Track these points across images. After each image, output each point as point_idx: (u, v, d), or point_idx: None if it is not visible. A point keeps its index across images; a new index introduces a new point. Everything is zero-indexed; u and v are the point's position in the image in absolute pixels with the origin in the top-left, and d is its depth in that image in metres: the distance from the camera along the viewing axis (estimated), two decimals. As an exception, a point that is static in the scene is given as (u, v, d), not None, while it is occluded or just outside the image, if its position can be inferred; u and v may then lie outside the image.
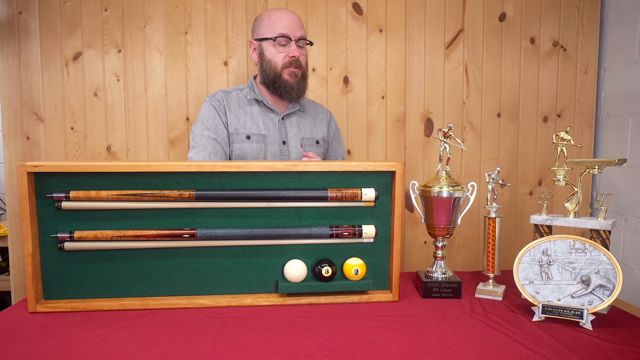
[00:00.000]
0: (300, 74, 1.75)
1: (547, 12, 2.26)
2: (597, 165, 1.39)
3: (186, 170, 1.30)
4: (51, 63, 2.11)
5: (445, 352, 1.05)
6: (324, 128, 1.91)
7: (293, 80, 1.74)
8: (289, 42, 1.72)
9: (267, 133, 1.78)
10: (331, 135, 1.95)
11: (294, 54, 1.72)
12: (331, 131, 1.95)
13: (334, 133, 1.96)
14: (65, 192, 1.27)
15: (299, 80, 1.76)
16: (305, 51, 1.79)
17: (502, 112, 2.29)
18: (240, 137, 1.76)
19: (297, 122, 1.84)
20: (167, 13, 2.14)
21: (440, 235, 1.47)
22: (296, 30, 1.73)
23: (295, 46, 1.73)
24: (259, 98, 1.81)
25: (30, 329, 1.17)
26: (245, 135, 1.76)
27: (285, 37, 1.71)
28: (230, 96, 1.82)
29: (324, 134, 1.89)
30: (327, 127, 1.93)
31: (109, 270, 1.33)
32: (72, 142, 2.15)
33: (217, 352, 1.04)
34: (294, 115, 1.85)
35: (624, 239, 2.17)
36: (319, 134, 1.88)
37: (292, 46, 1.72)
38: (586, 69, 2.30)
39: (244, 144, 1.75)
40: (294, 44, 1.72)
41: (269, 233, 1.34)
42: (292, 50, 1.72)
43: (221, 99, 1.80)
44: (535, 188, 2.33)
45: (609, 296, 1.21)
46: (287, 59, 1.72)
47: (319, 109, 1.95)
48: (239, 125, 1.77)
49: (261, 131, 1.77)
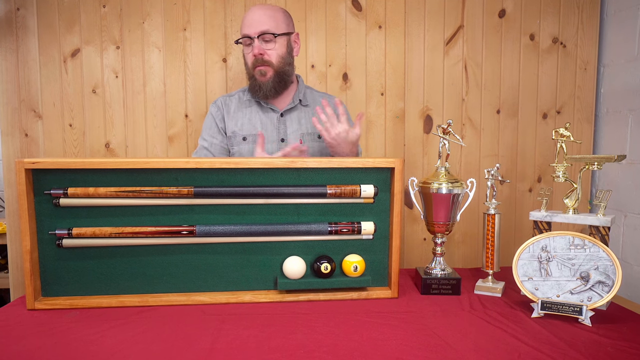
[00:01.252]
0: (269, 71, 1.71)
1: (547, 8, 2.26)
2: (597, 162, 1.39)
3: (185, 167, 1.29)
4: (49, 60, 2.11)
5: (444, 348, 1.05)
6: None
7: (262, 79, 1.72)
8: (252, 40, 1.69)
9: (265, 132, 1.77)
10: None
11: (255, 52, 1.69)
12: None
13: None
14: (63, 189, 1.26)
15: (272, 78, 1.72)
16: (276, 45, 1.72)
17: (501, 108, 2.29)
18: (238, 139, 1.77)
19: (297, 118, 1.81)
20: (165, 9, 2.13)
21: (440, 231, 1.46)
22: (257, 26, 1.68)
23: (258, 43, 1.69)
24: (257, 98, 1.80)
25: (28, 326, 1.17)
26: (241, 137, 1.77)
27: (246, 37, 1.70)
28: (232, 99, 1.84)
29: None
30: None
31: (107, 267, 1.33)
32: (70, 139, 2.14)
33: (216, 348, 1.04)
34: (295, 110, 1.82)
35: (624, 236, 2.17)
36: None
37: (255, 43, 1.69)
38: (586, 65, 2.29)
39: (241, 145, 1.76)
40: (256, 41, 1.69)
41: (268, 230, 1.34)
42: (254, 48, 1.69)
43: (220, 105, 1.82)
44: (535, 185, 2.32)
45: (608, 292, 1.21)
46: (252, 58, 1.71)
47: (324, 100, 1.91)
48: (236, 128, 1.78)
49: (258, 131, 1.76)
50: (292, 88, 1.83)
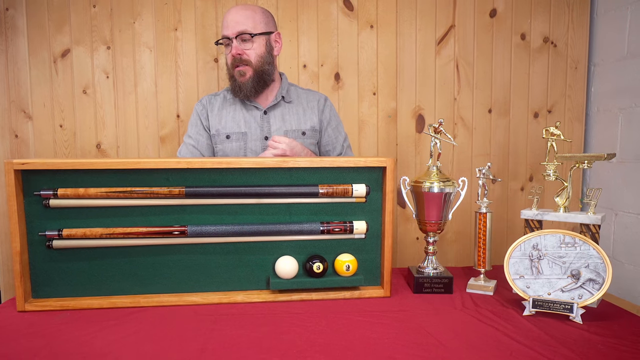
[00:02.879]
0: (248, 71, 1.72)
1: (538, 8, 2.27)
2: (587, 160, 1.39)
3: (176, 167, 1.29)
4: (39, 60, 2.09)
5: (436, 346, 1.05)
6: (314, 117, 1.84)
7: (242, 79, 1.73)
8: (230, 41, 1.70)
9: (248, 130, 1.77)
10: (324, 122, 1.87)
11: (233, 52, 1.70)
12: (325, 118, 1.87)
13: (328, 120, 1.88)
14: (53, 190, 1.25)
15: (252, 77, 1.73)
16: (254, 45, 1.72)
17: (493, 107, 2.30)
18: (221, 137, 1.78)
19: (281, 115, 1.81)
20: (156, 9, 2.12)
21: (432, 230, 1.47)
22: (234, 27, 1.69)
23: (236, 43, 1.70)
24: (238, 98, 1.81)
25: (19, 327, 1.16)
26: (225, 135, 1.78)
27: (225, 37, 1.71)
28: (217, 98, 1.85)
29: (313, 123, 1.83)
30: (320, 114, 1.86)
31: (98, 268, 1.32)
32: (61, 140, 2.13)
33: (208, 349, 1.03)
34: (278, 107, 1.81)
35: (614, 234, 2.18)
36: (307, 124, 1.82)
37: (233, 44, 1.70)
38: (576, 64, 2.31)
39: (225, 143, 1.77)
40: (234, 42, 1.69)
41: (260, 229, 1.34)
42: (232, 48, 1.70)
43: (205, 103, 1.84)
44: (526, 184, 2.34)
45: (598, 290, 1.22)
46: (231, 58, 1.72)
47: (311, 97, 1.88)
48: (219, 126, 1.79)
49: (241, 129, 1.77)
50: (275, 86, 1.83)
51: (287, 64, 2.19)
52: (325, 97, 1.90)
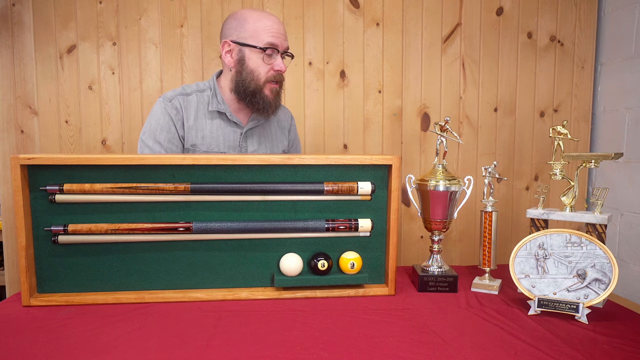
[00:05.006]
0: (278, 90, 1.63)
1: (545, 6, 2.26)
2: (594, 160, 1.39)
3: (181, 163, 1.29)
4: (45, 56, 2.10)
5: (441, 345, 1.05)
6: (285, 140, 1.79)
7: (272, 96, 1.60)
8: (275, 53, 1.57)
9: (227, 150, 1.64)
10: (290, 143, 1.83)
11: (279, 68, 1.57)
12: (291, 139, 1.83)
13: (293, 141, 1.84)
14: (59, 185, 1.26)
15: (276, 96, 1.62)
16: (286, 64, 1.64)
17: (499, 106, 2.29)
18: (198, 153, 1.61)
19: (258, 137, 1.70)
20: (162, 5, 2.12)
21: (437, 229, 1.46)
22: (284, 41, 1.59)
23: (280, 59, 1.59)
24: (221, 109, 1.62)
25: (24, 322, 1.16)
26: (203, 152, 1.61)
27: (274, 47, 1.56)
28: (190, 101, 1.62)
29: (284, 146, 1.78)
30: (288, 135, 1.81)
31: (103, 264, 1.32)
32: (66, 136, 2.13)
33: (212, 345, 1.03)
34: (256, 129, 1.70)
35: (620, 234, 2.17)
36: (279, 147, 1.75)
37: (278, 59, 1.58)
38: (583, 63, 2.29)
39: None
40: (279, 57, 1.58)
41: (265, 226, 1.34)
42: (278, 63, 1.57)
43: (179, 107, 1.60)
44: (532, 183, 2.33)
45: (604, 290, 1.21)
46: (272, 72, 1.58)
47: (281, 115, 1.80)
48: (197, 141, 1.60)
49: (220, 148, 1.62)
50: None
51: (292, 62, 2.18)
52: (292, 116, 1.86)
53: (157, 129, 1.58)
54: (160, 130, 1.58)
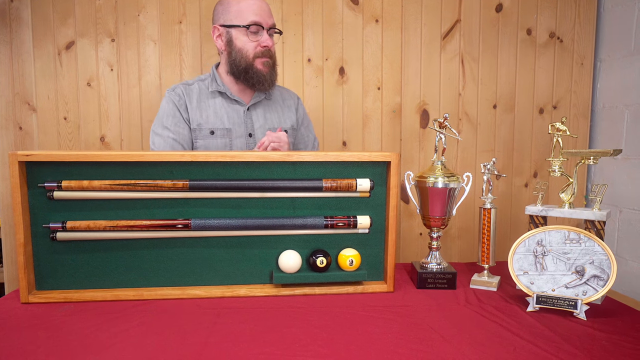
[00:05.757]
0: (272, 63, 1.70)
1: (544, 3, 2.25)
2: (593, 156, 1.39)
3: (180, 160, 1.29)
4: (43, 52, 2.09)
5: (439, 342, 1.05)
6: (292, 115, 1.85)
7: (266, 69, 1.68)
8: (261, 30, 1.66)
9: (232, 126, 1.71)
10: (299, 121, 1.88)
11: (266, 44, 1.66)
12: (299, 117, 1.88)
13: (302, 119, 1.89)
14: (57, 182, 1.26)
15: (271, 69, 1.70)
16: (274, 41, 1.73)
17: (498, 103, 2.28)
18: (204, 132, 1.70)
19: (263, 113, 1.78)
20: (161, 2, 2.11)
21: (435, 226, 1.46)
22: (268, 18, 1.67)
23: (267, 35, 1.67)
24: (221, 89, 1.73)
25: (22, 319, 1.16)
26: (209, 130, 1.70)
27: (257, 24, 1.64)
28: (192, 89, 1.74)
29: (292, 122, 1.83)
30: (296, 113, 1.86)
31: (102, 261, 1.32)
32: (65, 133, 2.13)
33: (211, 342, 1.03)
34: (260, 105, 1.78)
35: (619, 231, 2.17)
36: (287, 123, 1.81)
37: (264, 35, 1.66)
38: (582, 60, 2.29)
39: (208, 140, 1.69)
40: (265, 33, 1.66)
41: (264, 223, 1.34)
42: (264, 39, 1.66)
43: (181, 94, 1.72)
44: (531, 180, 2.33)
45: (603, 286, 1.21)
46: (259, 48, 1.66)
47: (286, 95, 1.88)
48: (201, 120, 1.70)
49: (225, 125, 1.71)
50: None
51: (291, 58, 2.18)
52: (298, 97, 1.93)
53: (164, 116, 1.70)
54: (166, 117, 1.69)
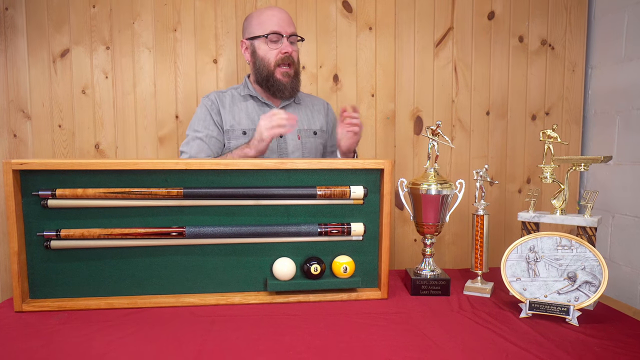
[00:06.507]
0: (292, 72, 1.76)
1: (536, 10, 2.28)
2: (583, 163, 1.40)
3: (174, 168, 1.29)
4: (38, 60, 2.09)
5: (433, 349, 1.05)
6: (322, 118, 1.91)
7: (286, 80, 1.75)
8: (281, 38, 1.73)
9: None
10: (330, 125, 1.94)
11: (286, 50, 1.72)
12: (330, 120, 1.94)
13: (333, 123, 1.95)
14: (51, 190, 1.26)
15: (292, 79, 1.77)
16: (297, 48, 1.80)
17: (491, 110, 2.30)
18: (237, 133, 1.77)
19: (293, 113, 1.80)
20: (155, 10, 2.12)
21: (429, 232, 1.47)
22: (287, 26, 1.74)
23: (287, 42, 1.73)
24: (253, 94, 1.82)
25: (16, 328, 1.16)
26: (241, 131, 1.77)
27: (276, 33, 1.72)
28: (225, 95, 1.84)
29: (321, 124, 1.89)
30: (326, 117, 1.93)
31: (96, 269, 1.32)
32: (60, 140, 2.13)
33: (205, 350, 1.03)
34: (289, 107, 1.85)
35: (611, 236, 2.19)
36: (317, 125, 1.88)
37: (284, 42, 1.73)
38: (574, 67, 2.31)
39: (241, 140, 1.76)
40: (285, 40, 1.73)
41: (258, 231, 1.34)
42: (284, 46, 1.72)
43: (215, 99, 1.81)
44: (524, 186, 2.34)
45: (594, 292, 1.22)
46: (279, 55, 1.73)
47: (315, 100, 1.96)
48: (234, 122, 1.78)
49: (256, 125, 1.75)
50: None
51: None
52: (327, 103, 1.99)
53: (195, 121, 1.80)
54: (197, 121, 1.80)
